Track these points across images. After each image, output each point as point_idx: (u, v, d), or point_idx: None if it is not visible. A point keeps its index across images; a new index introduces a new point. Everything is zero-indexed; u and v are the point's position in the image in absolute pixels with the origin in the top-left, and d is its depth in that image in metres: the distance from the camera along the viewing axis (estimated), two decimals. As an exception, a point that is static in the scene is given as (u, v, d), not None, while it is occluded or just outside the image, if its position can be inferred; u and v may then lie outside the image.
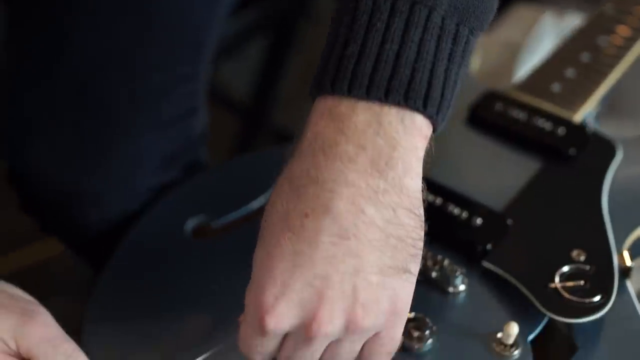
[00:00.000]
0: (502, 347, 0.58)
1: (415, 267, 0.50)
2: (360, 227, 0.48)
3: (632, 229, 0.65)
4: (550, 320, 0.60)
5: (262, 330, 0.49)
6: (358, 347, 0.51)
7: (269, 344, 0.51)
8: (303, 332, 0.49)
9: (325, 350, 0.51)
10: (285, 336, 0.51)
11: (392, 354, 0.53)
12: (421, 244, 0.51)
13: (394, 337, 0.51)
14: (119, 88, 0.72)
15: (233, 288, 0.64)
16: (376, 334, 0.51)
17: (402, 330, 0.52)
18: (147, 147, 0.74)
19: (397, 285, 0.49)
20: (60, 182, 0.72)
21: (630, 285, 0.62)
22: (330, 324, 0.48)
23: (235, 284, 0.64)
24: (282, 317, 0.48)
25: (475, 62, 0.86)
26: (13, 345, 0.53)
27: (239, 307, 0.62)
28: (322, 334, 0.49)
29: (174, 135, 0.76)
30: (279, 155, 0.78)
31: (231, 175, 0.75)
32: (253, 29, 1.45)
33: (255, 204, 0.71)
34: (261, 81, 1.46)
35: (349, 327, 0.49)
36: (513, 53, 0.94)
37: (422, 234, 0.51)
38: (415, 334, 0.58)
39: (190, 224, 0.70)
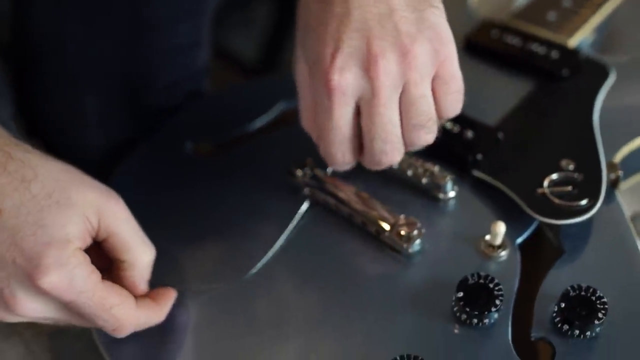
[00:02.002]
0: (490, 248, 0.59)
1: (440, 4, 0.56)
2: None
3: (622, 144, 0.66)
4: (539, 228, 0.62)
5: (329, 89, 0.55)
6: (427, 91, 0.56)
7: (341, 113, 0.56)
8: (367, 80, 0.54)
9: (402, 112, 0.56)
10: (358, 115, 0.56)
11: (461, 95, 0.58)
12: None
13: (453, 72, 0.57)
14: (126, 15, 0.74)
15: (230, 199, 0.67)
16: (436, 76, 0.56)
17: (457, 64, 0.57)
18: (151, 71, 0.76)
19: (431, 17, 0.55)
20: (66, 102, 0.73)
21: (619, 195, 0.63)
22: (385, 58, 0.54)
23: (231, 196, 0.67)
24: (342, 67, 0.54)
25: (473, 2, 0.87)
26: (95, 222, 0.53)
27: (233, 216, 0.65)
28: (382, 71, 0.54)
29: (177, 65, 0.78)
30: (271, 84, 0.80)
31: (228, 101, 0.77)
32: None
33: (250, 127, 0.73)
34: (268, 44, 1.47)
35: (404, 59, 0.54)
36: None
37: None
38: (404, 233, 0.59)
39: (190, 143, 0.72)
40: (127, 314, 0.54)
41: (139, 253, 0.56)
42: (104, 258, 0.56)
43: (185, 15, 0.79)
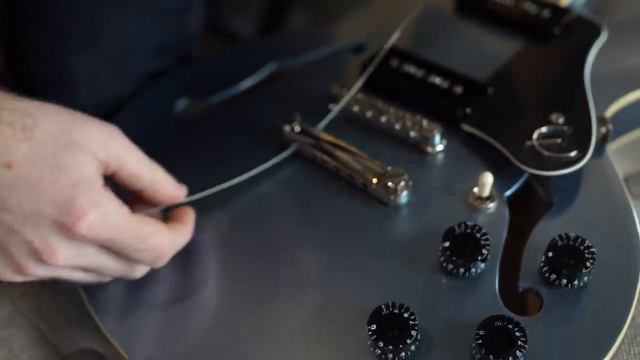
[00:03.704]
0: (478, 200, 0.59)
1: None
2: None
3: (612, 100, 0.65)
4: (528, 183, 0.61)
5: None
6: None
7: None
8: None
9: None
10: None
11: None
12: None
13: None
14: None
15: (219, 156, 0.66)
16: None
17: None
18: (140, 33, 0.75)
19: None
20: (55, 62, 0.73)
21: (608, 151, 0.63)
22: None
23: (221, 153, 0.67)
24: None
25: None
26: (103, 157, 0.52)
27: (222, 171, 0.65)
28: None
29: (167, 27, 0.78)
30: (261, 46, 0.80)
31: (219, 62, 0.77)
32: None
33: (240, 87, 0.72)
34: (264, 26, 1.47)
35: None
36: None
37: None
38: (391, 185, 0.58)
39: (180, 104, 0.71)
40: (164, 239, 0.54)
41: (154, 174, 0.56)
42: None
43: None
